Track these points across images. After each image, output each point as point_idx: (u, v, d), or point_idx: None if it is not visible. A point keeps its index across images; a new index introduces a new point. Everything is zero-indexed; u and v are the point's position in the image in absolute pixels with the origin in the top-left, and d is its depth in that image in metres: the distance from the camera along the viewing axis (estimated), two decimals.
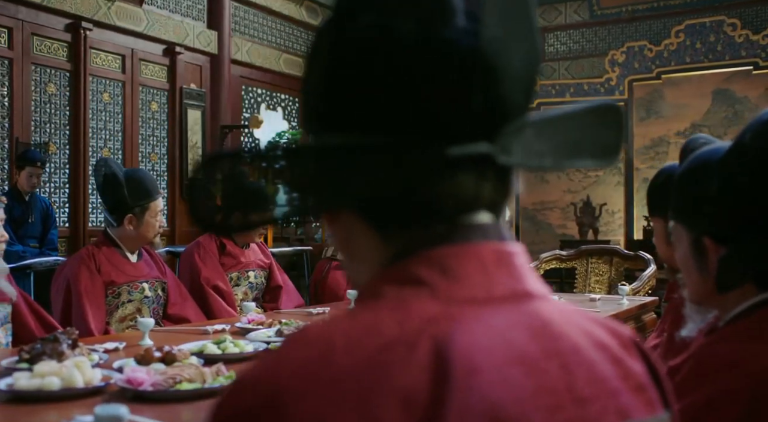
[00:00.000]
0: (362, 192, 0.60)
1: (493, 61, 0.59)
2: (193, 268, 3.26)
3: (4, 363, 1.70)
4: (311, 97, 0.65)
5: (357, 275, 0.68)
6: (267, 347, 1.93)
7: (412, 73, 0.59)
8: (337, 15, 0.64)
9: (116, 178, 2.81)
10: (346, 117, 0.61)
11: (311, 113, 0.66)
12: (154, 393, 1.44)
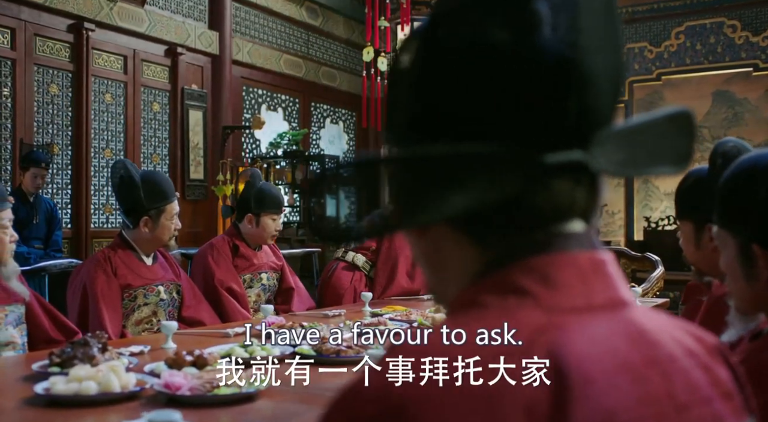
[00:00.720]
0: (462, 202, 0.60)
1: (585, 70, 0.60)
2: (206, 270, 3.26)
3: (35, 366, 1.70)
4: (402, 108, 0.65)
5: (441, 286, 0.68)
6: (294, 350, 1.93)
7: (509, 82, 0.59)
8: (430, 25, 0.64)
9: (132, 180, 2.80)
10: (441, 128, 0.62)
11: (402, 124, 0.66)
12: (191, 398, 1.44)
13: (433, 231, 0.65)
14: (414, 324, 2.51)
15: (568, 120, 0.60)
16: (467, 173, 0.59)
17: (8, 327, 2.20)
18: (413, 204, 0.61)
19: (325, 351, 1.89)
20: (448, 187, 0.59)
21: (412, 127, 0.64)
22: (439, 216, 0.61)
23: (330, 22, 9.80)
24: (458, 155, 0.59)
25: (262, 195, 3.47)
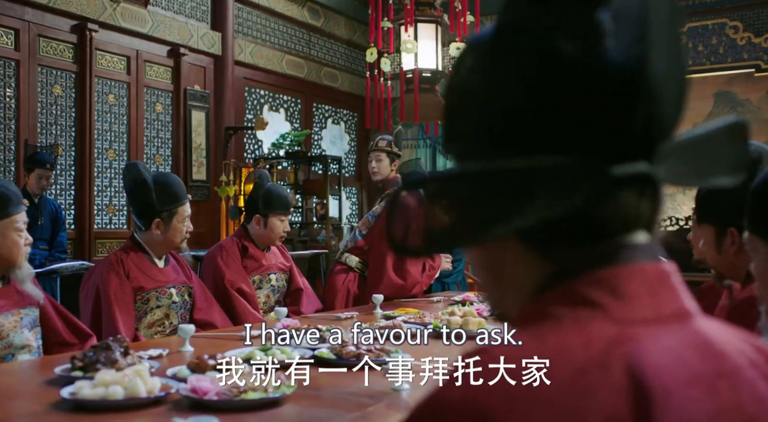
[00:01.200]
0: (532, 215, 0.60)
1: (652, 81, 0.60)
2: (216, 271, 3.26)
3: (57, 370, 1.69)
4: (466, 120, 0.65)
5: (502, 297, 0.68)
6: (314, 353, 1.93)
7: (578, 94, 0.60)
8: (494, 37, 0.64)
9: (145, 182, 2.80)
10: (509, 141, 0.62)
11: (466, 137, 0.66)
12: (218, 403, 1.43)
13: (497, 243, 0.65)
14: (429, 326, 2.50)
15: (635, 131, 0.60)
16: (538, 186, 0.59)
17: (24, 330, 2.20)
18: (483, 217, 0.61)
19: (345, 355, 1.89)
20: (518, 200, 0.59)
21: (477, 140, 0.64)
22: (509, 229, 0.61)
23: (331, 23, 9.80)
24: (529, 168, 0.59)
25: (270, 196, 3.48)
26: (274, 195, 3.51)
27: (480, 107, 0.63)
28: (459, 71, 0.67)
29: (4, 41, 5.98)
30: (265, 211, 3.44)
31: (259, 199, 3.47)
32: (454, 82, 0.68)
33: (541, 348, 0.55)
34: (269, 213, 3.44)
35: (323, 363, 1.92)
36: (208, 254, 3.42)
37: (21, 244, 2.20)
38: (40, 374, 1.81)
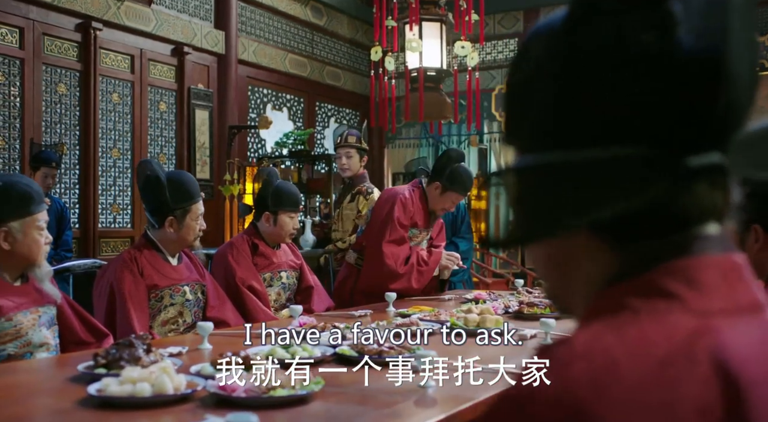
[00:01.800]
0: (607, 207, 0.59)
1: (728, 71, 0.60)
2: (227, 269, 3.25)
3: (80, 367, 1.69)
4: (536, 112, 0.64)
5: (566, 290, 0.67)
6: (335, 351, 1.92)
7: (654, 85, 0.59)
8: (566, 26, 0.63)
9: (158, 179, 2.79)
10: (579, 132, 0.61)
11: (535, 130, 0.65)
12: (246, 400, 1.43)
13: (567, 235, 0.64)
14: (446, 324, 2.50)
15: (710, 122, 0.60)
16: (615, 178, 0.59)
17: (42, 328, 2.19)
18: (558, 209, 0.60)
19: (367, 352, 1.88)
20: (595, 192, 0.59)
21: (547, 132, 0.63)
22: (584, 221, 0.60)
23: (334, 22, 9.79)
24: (607, 160, 0.59)
25: (279, 193, 3.47)
26: (284, 192, 3.50)
27: (552, 98, 0.62)
28: (525, 60, 0.66)
29: (8, 40, 5.97)
30: (274, 208, 3.44)
31: (268, 197, 3.46)
32: (518, 71, 0.67)
33: (622, 340, 0.54)
34: (279, 210, 3.44)
35: (346, 361, 1.91)
36: (218, 252, 3.41)
37: (41, 243, 2.19)
38: (62, 371, 1.80)
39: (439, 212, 3.89)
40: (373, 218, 3.85)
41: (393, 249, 3.61)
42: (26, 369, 1.92)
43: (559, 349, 0.55)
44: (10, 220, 2.12)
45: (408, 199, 3.78)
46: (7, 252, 2.13)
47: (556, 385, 0.51)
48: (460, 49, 6.75)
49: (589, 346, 0.54)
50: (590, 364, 0.52)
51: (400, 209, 3.71)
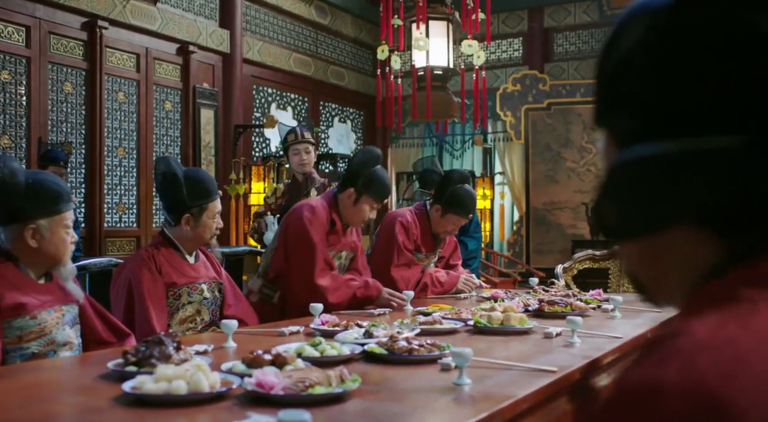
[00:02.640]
0: (710, 198, 0.57)
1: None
2: (300, 232, 3.13)
3: (110, 365, 1.67)
4: (633, 98, 0.62)
5: (663, 282, 0.65)
6: (363, 349, 1.90)
7: (764, 68, 0.57)
8: (677, 8, 0.61)
9: (175, 177, 2.77)
10: (692, 120, 0.59)
11: (630, 116, 0.63)
12: (285, 398, 1.40)
13: (666, 230, 0.62)
14: (469, 322, 2.48)
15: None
16: (729, 166, 0.57)
17: (65, 327, 2.17)
18: (665, 202, 0.59)
19: (398, 350, 1.86)
20: (707, 182, 0.57)
21: (651, 119, 0.61)
22: (685, 213, 0.59)
23: (338, 21, 9.77)
24: (719, 149, 0.57)
25: (372, 177, 3.21)
26: (377, 178, 3.22)
27: (658, 84, 0.60)
28: (624, 42, 0.64)
29: (15, 38, 5.95)
30: (361, 189, 3.20)
31: (360, 174, 3.21)
32: (615, 54, 0.65)
33: (747, 330, 0.52)
34: (364, 193, 3.20)
35: (375, 359, 1.89)
36: (292, 211, 3.23)
37: (68, 242, 2.18)
38: (90, 369, 1.78)
39: (443, 235, 3.75)
40: (377, 244, 3.72)
41: (403, 273, 3.51)
42: (53, 367, 1.90)
43: (677, 341, 0.53)
44: (38, 218, 2.10)
45: (410, 222, 3.65)
46: (34, 250, 2.11)
47: (685, 377, 0.49)
48: (467, 48, 6.73)
49: (713, 337, 0.52)
50: (718, 355, 0.50)
51: (402, 232, 3.59)
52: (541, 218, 9.31)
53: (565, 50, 9.78)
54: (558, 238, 9.20)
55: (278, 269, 3.19)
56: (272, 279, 3.21)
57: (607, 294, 3.29)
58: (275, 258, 3.22)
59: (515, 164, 9.69)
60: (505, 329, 2.36)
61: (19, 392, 1.53)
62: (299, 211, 3.20)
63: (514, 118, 9.31)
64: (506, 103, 9.33)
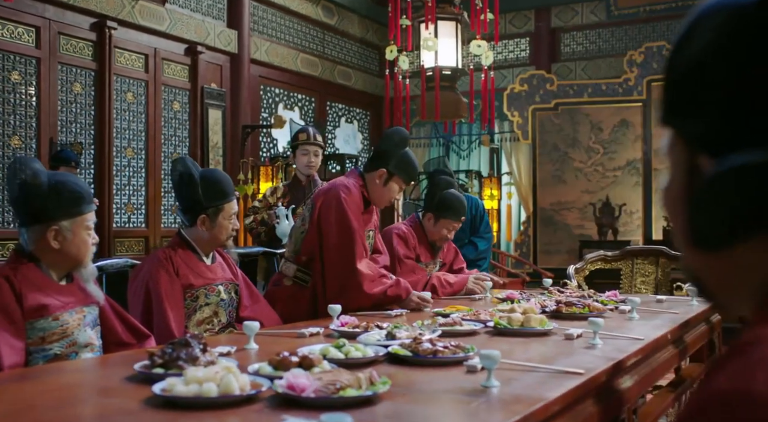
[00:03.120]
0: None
1: None
2: (339, 215, 3.09)
3: (137, 367, 1.66)
4: (715, 101, 0.61)
5: (732, 288, 0.65)
6: (387, 350, 1.90)
7: None
8: (755, 5, 0.59)
9: (192, 177, 2.77)
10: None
11: (710, 123, 0.61)
12: (316, 400, 1.40)
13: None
14: (489, 323, 2.47)
15: None
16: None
17: (86, 328, 2.17)
18: (749, 212, 0.58)
19: (422, 352, 1.86)
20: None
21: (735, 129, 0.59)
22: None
23: (345, 21, 9.77)
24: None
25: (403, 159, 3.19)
26: (409, 159, 3.25)
27: (740, 88, 0.59)
28: (697, 41, 0.63)
29: (25, 39, 5.95)
30: (393, 170, 3.20)
31: (392, 155, 3.20)
32: (688, 53, 0.64)
33: None
34: (395, 175, 3.20)
35: (399, 361, 1.88)
36: (330, 190, 3.18)
37: (89, 243, 2.18)
38: (115, 371, 1.77)
39: (439, 243, 3.79)
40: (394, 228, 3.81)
41: (409, 278, 3.48)
42: (78, 369, 1.90)
43: (761, 349, 0.53)
44: (60, 219, 2.10)
45: (406, 233, 3.71)
46: (56, 252, 2.11)
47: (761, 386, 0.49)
48: (476, 48, 6.73)
49: None
50: None
51: (402, 244, 3.65)
52: (549, 218, 9.30)
53: (572, 50, 9.77)
54: (565, 238, 9.19)
55: (310, 252, 3.14)
56: (305, 262, 3.16)
57: (623, 295, 3.29)
58: (307, 241, 3.15)
59: (522, 164, 9.68)
60: (525, 330, 2.35)
61: (49, 394, 1.53)
62: (335, 191, 3.14)
63: (522, 118, 9.30)
64: (513, 103, 9.32)
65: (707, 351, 3.31)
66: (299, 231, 3.20)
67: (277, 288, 3.18)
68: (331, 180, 3.34)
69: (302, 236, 3.17)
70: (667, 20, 9.15)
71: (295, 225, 3.29)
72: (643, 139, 8.89)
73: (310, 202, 3.26)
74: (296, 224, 3.27)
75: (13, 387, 1.61)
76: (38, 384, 1.63)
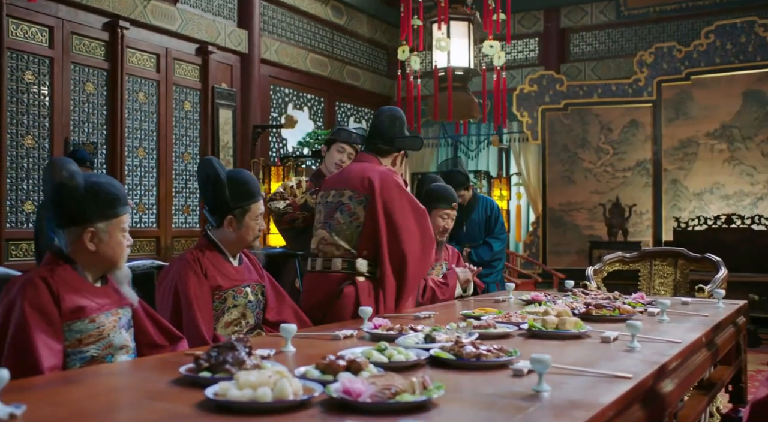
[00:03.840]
0: None
1: None
2: (407, 201, 3.12)
3: (182, 370, 1.65)
4: None
5: None
6: (429, 354, 1.88)
7: None
8: None
9: (218, 178, 2.75)
10: None
11: None
12: (372, 405, 1.38)
13: None
14: (523, 325, 2.46)
15: None
16: None
17: (122, 330, 2.15)
18: None
19: (466, 356, 1.84)
20: None
21: None
22: None
23: (354, 21, 9.76)
24: None
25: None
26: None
27: None
28: None
29: (38, 39, 5.94)
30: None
31: (395, 136, 3.27)
32: None
33: None
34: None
35: (440, 364, 1.87)
36: (381, 177, 3.15)
37: (125, 245, 2.16)
38: (160, 374, 1.76)
39: (440, 236, 3.78)
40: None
41: None
42: (118, 371, 1.88)
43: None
44: (97, 221, 2.09)
45: None
46: (91, 253, 2.09)
47: None
48: (488, 49, 6.71)
49: None
50: None
51: None
52: (558, 219, 9.29)
53: (581, 51, 9.75)
54: (574, 239, 9.17)
55: (372, 245, 3.07)
56: (369, 256, 3.08)
57: (650, 297, 3.27)
58: (365, 234, 3.08)
59: (531, 165, 9.66)
60: (560, 333, 2.34)
61: (98, 397, 1.52)
62: (388, 179, 3.11)
63: (531, 118, 9.28)
64: (523, 103, 9.30)
65: (734, 354, 3.29)
66: (354, 227, 3.10)
67: (352, 287, 3.05)
68: (358, 169, 3.21)
69: (358, 230, 3.09)
70: (677, 20, 9.13)
71: (341, 222, 3.14)
72: (653, 140, 8.87)
73: (353, 196, 3.16)
74: (342, 220, 3.14)
75: (58, 390, 1.60)
76: (85, 388, 1.62)
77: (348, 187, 3.15)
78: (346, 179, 3.19)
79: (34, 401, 1.42)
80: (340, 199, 3.15)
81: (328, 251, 3.12)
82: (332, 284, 3.04)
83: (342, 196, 3.15)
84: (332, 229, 3.14)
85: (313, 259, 3.19)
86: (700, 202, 8.62)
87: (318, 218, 3.26)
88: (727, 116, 8.50)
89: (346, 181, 3.17)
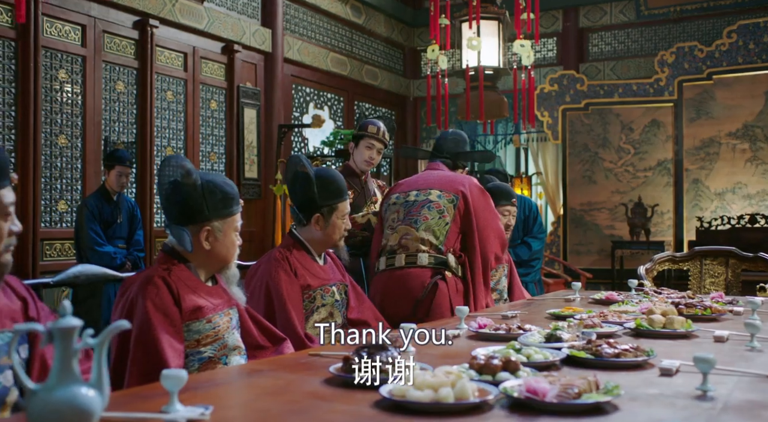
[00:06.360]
0: None
1: None
2: (487, 201, 3.27)
3: (331, 369, 1.62)
4: None
5: None
6: (567, 354, 1.86)
7: None
8: None
9: (307, 175, 2.72)
10: None
11: None
12: (557, 406, 1.36)
13: None
14: (627, 324, 2.43)
15: None
16: None
17: (234, 331, 2.12)
18: None
19: (606, 355, 1.82)
20: None
21: None
22: None
23: (372, 21, 9.73)
24: None
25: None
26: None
27: None
28: None
29: (72, 37, 5.89)
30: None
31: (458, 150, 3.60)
32: None
33: None
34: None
35: (576, 363, 1.84)
36: (465, 177, 3.40)
37: (237, 245, 2.12)
38: (305, 374, 1.72)
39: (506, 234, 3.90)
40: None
41: None
42: (260, 372, 1.81)
43: None
44: (213, 220, 2.05)
45: None
46: (206, 252, 2.06)
47: None
48: (519, 48, 6.70)
49: None
50: None
51: None
52: (579, 218, 9.28)
53: (600, 50, 9.75)
54: (595, 239, 9.17)
55: (455, 242, 3.16)
56: (456, 254, 3.15)
57: (730, 296, 3.25)
58: (452, 232, 3.17)
59: (549, 164, 9.66)
60: (669, 332, 2.32)
61: (270, 399, 1.48)
62: (474, 182, 3.30)
63: (551, 118, 9.28)
64: (543, 103, 9.29)
65: None
66: (443, 223, 3.16)
67: (443, 282, 3.06)
68: (439, 174, 3.39)
69: (447, 227, 3.15)
70: (698, 20, 9.14)
71: (429, 218, 3.16)
72: (675, 140, 8.88)
73: (442, 194, 3.21)
74: (430, 217, 3.16)
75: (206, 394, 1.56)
76: (248, 390, 1.59)
77: (434, 187, 3.22)
78: (429, 181, 3.29)
79: (213, 400, 1.38)
80: (427, 197, 3.19)
81: (412, 246, 3.11)
82: (418, 280, 3.03)
83: (429, 194, 3.18)
84: (419, 225, 3.15)
85: (390, 257, 3.17)
86: (722, 202, 8.63)
87: (393, 217, 3.24)
88: (750, 116, 8.52)
89: (430, 183, 3.27)
